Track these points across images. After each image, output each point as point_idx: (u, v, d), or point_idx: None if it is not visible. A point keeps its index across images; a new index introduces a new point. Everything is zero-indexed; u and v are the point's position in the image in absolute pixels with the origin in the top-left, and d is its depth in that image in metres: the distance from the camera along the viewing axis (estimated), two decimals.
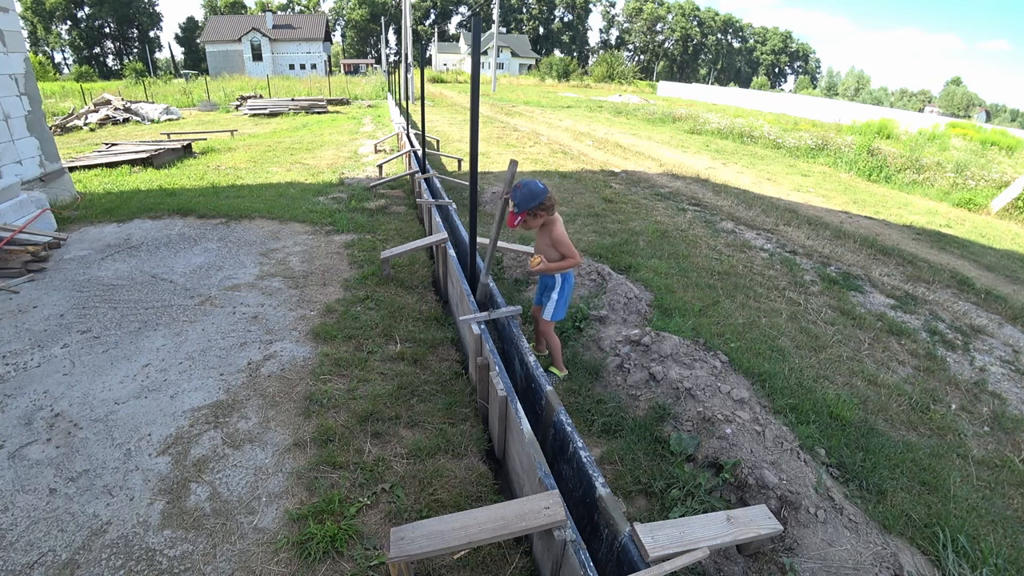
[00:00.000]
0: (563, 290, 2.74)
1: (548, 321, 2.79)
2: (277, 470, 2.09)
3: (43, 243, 3.96)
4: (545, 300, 2.77)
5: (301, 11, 76.34)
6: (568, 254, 2.61)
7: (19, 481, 1.96)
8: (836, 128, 17.23)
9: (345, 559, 1.72)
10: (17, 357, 2.73)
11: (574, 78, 56.44)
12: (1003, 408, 3.10)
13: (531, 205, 2.46)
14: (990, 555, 1.97)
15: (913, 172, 10.78)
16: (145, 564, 1.68)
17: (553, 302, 2.74)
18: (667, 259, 4.79)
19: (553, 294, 2.73)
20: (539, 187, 2.47)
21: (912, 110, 54.84)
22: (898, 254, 5.83)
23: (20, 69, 5.06)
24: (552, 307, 2.75)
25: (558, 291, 2.73)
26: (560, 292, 2.74)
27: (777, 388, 2.89)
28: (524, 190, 2.47)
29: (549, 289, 2.76)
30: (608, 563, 1.59)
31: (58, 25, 65.54)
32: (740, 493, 2.10)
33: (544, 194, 2.47)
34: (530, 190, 2.46)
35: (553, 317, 2.77)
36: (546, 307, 2.77)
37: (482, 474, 2.11)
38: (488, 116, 16.98)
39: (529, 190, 2.46)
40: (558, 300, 2.74)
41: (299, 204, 5.65)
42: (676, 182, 8.61)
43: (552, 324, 2.83)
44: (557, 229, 2.59)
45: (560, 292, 2.74)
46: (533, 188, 2.47)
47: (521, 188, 2.47)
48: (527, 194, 2.46)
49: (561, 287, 2.73)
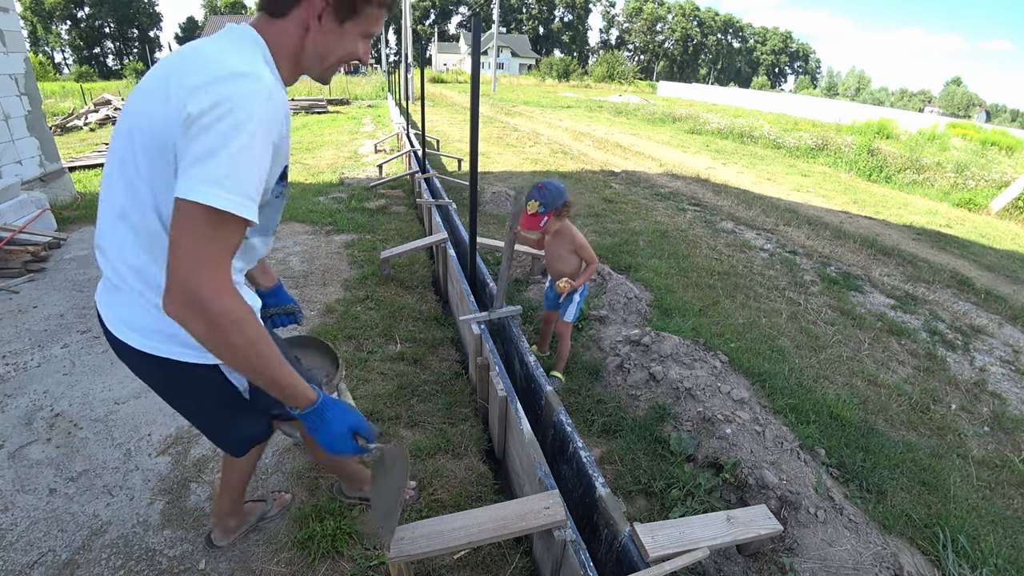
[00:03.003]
0: (584, 291, 2.73)
1: (569, 323, 2.76)
2: (277, 470, 2.09)
3: (43, 243, 3.96)
4: (565, 303, 2.72)
5: None
6: (590, 258, 2.56)
7: (19, 481, 1.96)
8: (836, 128, 17.23)
9: (345, 559, 1.72)
10: (17, 357, 2.73)
11: (574, 78, 56.47)
12: (1003, 408, 3.10)
13: (558, 203, 2.37)
14: (990, 555, 1.97)
15: (913, 172, 10.79)
16: (145, 564, 1.68)
17: (576, 304, 2.71)
18: (667, 259, 4.79)
19: (575, 296, 2.69)
20: (560, 185, 2.39)
21: (912, 110, 54.85)
22: (898, 254, 5.83)
23: (20, 69, 5.05)
24: (575, 309, 2.72)
25: (580, 292, 2.69)
26: (582, 293, 2.71)
27: (777, 388, 2.89)
28: (549, 188, 2.36)
29: (570, 293, 2.70)
30: (608, 563, 1.59)
31: (58, 25, 65.58)
32: (740, 493, 2.10)
33: (566, 191, 2.40)
34: (556, 187, 2.37)
35: (574, 318, 2.75)
36: (568, 309, 2.72)
37: (482, 474, 2.11)
38: (488, 116, 16.98)
39: (555, 187, 2.37)
40: (580, 302, 2.73)
41: (299, 204, 5.65)
42: (676, 182, 8.61)
43: (571, 326, 2.80)
44: (578, 233, 2.53)
45: (582, 293, 2.71)
46: (557, 186, 2.38)
47: (544, 188, 2.36)
48: (554, 192, 2.36)
49: (583, 288, 2.70)
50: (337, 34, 0.97)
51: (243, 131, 0.79)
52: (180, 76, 0.84)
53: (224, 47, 0.90)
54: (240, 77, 0.82)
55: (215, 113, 0.78)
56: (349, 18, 0.96)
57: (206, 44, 0.91)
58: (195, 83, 0.81)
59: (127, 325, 1.03)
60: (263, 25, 0.96)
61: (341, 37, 0.98)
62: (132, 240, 0.97)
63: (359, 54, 1.02)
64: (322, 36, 0.96)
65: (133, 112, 0.92)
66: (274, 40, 0.95)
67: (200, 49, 0.90)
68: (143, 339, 1.03)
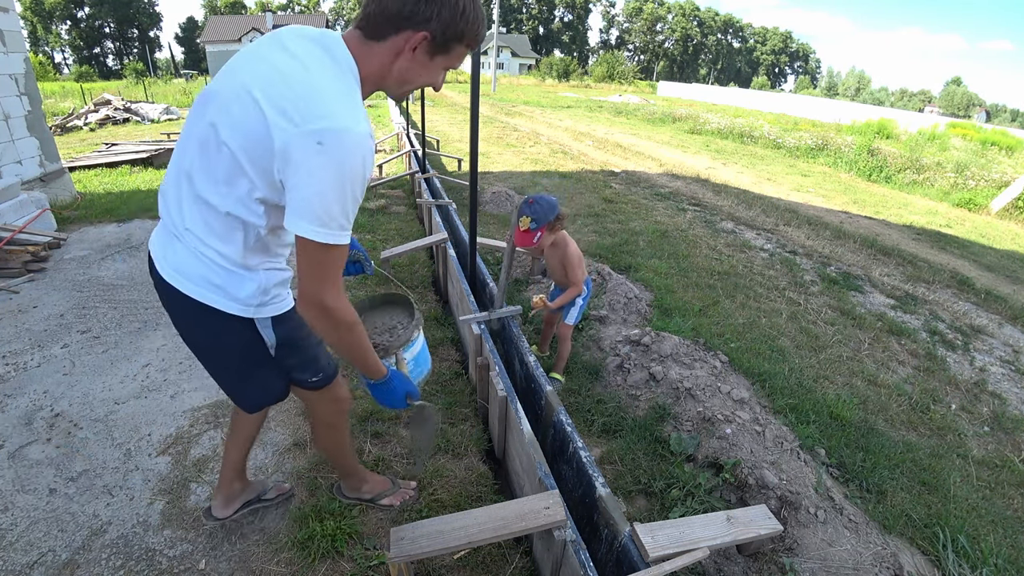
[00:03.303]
0: (587, 295, 2.70)
1: (570, 326, 2.75)
2: (277, 470, 2.09)
3: (43, 243, 3.96)
4: (567, 306, 2.70)
5: (301, 11, 76.38)
6: (574, 280, 2.52)
7: (19, 481, 1.96)
8: (836, 128, 17.23)
9: (345, 559, 1.72)
10: (17, 357, 2.73)
11: (574, 78, 56.46)
12: (1003, 408, 3.10)
13: (550, 218, 2.33)
14: (990, 555, 1.97)
15: (913, 172, 10.79)
16: (145, 564, 1.68)
17: (578, 307, 2.70)
18: (667, 259, 4.79)
19: (578, 298, 2.67)
20: (552, 199, 2.35)
21: (912, 110, 54.85)
22: (898, 254, 5.83)
23: (20, 69, 5.05)
24: (576, 312, 2.71)
25: (583, 295, 2.67)
26: (585, 296, 2.69)
27: (777, 388, 2.89)
28: (540, 203, 2.31)
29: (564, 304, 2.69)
30: (608, 563, 1.59)
31: (58, 25, 65.58)
32: (740, 493, 2.10)
33: (558, 205, 2.36)
34: (547, 202, 2.32)
35: (576, 321, 2.74)
36: (570, 312, 2.71)
37: (482, 474, 2.11)
38: (488, 116, 16.98)
39: (546, 202, 2.32)
40: (582, 307, 2.72)
41: None
42: (676, 182, 8.61)
43: (572, 328, 2.78)
44: (573, 247, 2.50)
45: (585, 296, 2.69)
46: (549, 200, 2.33)
47: (535, 202, 2.31)
48: (546, 206, 2.31)
49: (586, 293, 2.68)
50: (425, 65, 1.07)
51: (345, 180, 0.95)
52: (287, 101, 0.95)
53: (329, 82, 0.98)
54: (346, 133, 0.93)
55: (321, 162, 0.93)
56: (440, 53, 1.06)
57: (311, 66, 0.99)
58: (308, 128, 0.92)
59: (180, 273, 1.15)
60: (358, 47, 1.04)
61: (427, 67, 1.08)
62: (192, 202, 1.09)
63: (437, 84, 1.14)
64: (411, 65, 1.06)
65: (220, 107, 1.02)
66: (365, 64, 1.04)
67: (306, 77, 0.97)
68: (194, 287, 1.15)
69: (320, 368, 1.41)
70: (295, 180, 0.95)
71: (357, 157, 0.95)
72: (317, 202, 0.95)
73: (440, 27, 1.01)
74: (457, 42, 1.05)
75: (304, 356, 1.37)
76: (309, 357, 1.38)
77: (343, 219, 0.99)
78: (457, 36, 1.04)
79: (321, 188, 0.94)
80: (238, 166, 1.01)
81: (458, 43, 1.05)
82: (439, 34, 1.02)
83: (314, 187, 0.94)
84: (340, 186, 0.95)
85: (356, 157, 0.95)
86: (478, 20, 1.06)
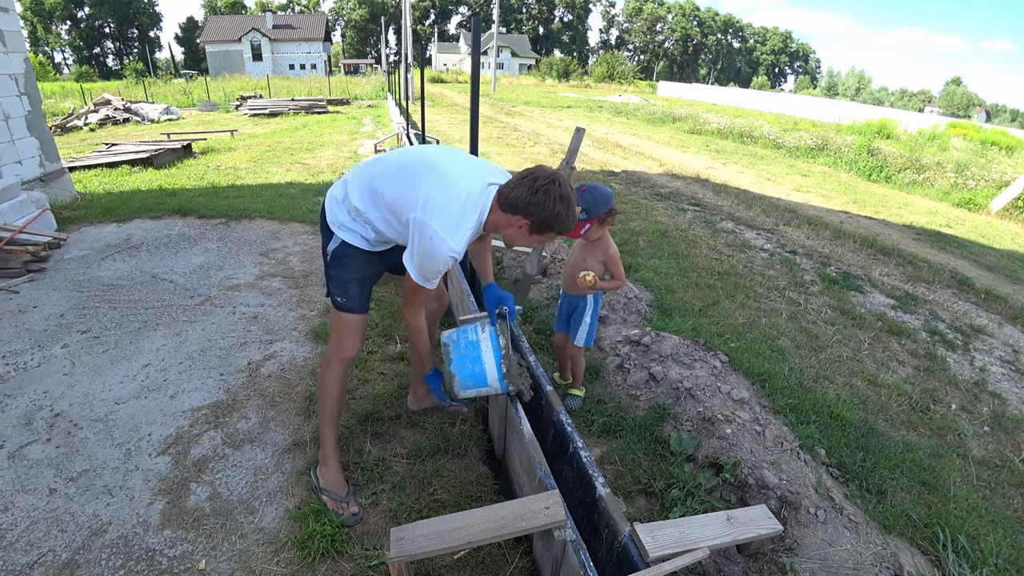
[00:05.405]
0: (596, 311, 2.43)
1: (580, 348, 2.52)
2: (277, 470, 2.09)
3: (43, 243, 3.96)
4: (575, 324, 2.46)
5: (301, 11, 76.39)
6: (619, 275, 2.31)
7: (19, 481, 1.96)
8: (836, 128, 17.23)
9: (345, 559, 1.72)
10: (17, 357, 2.73)
11: (574, 78, 56.45)
12: (1003, 408, 3.10)
13: (603, 210, 2.10)
14: (990, 555, 1.97)
15: (913, 172, 10.79)
16: (145, 564, 1.68)
17: (587, 326, 2.43)
18: (667, 259, 4.79)
19: (586, 317, 2.41)
20: (608, 190, 2.11)
21: (912, 110, 54.85)
22: (898, 254, 5.83)
23: (20, 69, 5.06)
24: (586, 332, 2.44)
25: (591, 313, 2.41)
26: (594, 314, 2.42)
27: (777, 388, 2.89)
28: (594, 193, 2.07)
29: (580, 313, 2.43)
30: (608, 563, 1.59)
31: (58, 25, 65.59)
32: (740, 493, 2.10)
33: (613, 197, 2.13)
34: (602, 192, 2.09)
35: (587, 343, 2.47)
36: (578, 332, 2.45)
37: (482, 474, 2.11)
38: (488, 116, 16.99)
39: (601, 193, 2.08)
40: (591, 324, 2.43)
41: (299, 204, 5.65)
42: (676, 182, 8.62)
43: (583, 350, 2.56)
44: (614, 246, 2.28)
45: (594, 314, 2.42)
46: (604, 191, 2.10)
47: (589, 191, 2.07)
48: (600, 197, 2.08)
49: (594, 308, 2.42)
50: (525, 236, 1.60)
51: (437, 260, 1.56)
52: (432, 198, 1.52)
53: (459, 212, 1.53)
54: (443, 242, 1.51)
55: (424, 248, 1.54)
56: (536, 233, 1.57)
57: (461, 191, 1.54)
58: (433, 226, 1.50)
59: (333, 220, 1.76)
60: (495, 205, 1.58)
61: (526, 238, 1.60)
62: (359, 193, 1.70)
63: (533, 245, 1.95)
64: (515, 232, 1.59)
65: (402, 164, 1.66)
66: (492, 218, 1.60)
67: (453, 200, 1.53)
68: (336, 227, 1.75)
69: (338, 297, 1.84)
70: (409, 237, 1.59)
71: (442, 255, 1.54)
72: (420, 259, 1.58)
73: (538, 221, 1.52)
74: (549, 230, 1.56)
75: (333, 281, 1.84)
76: (336, 282, 1.84)
77: (433, 274, 1.62)
78: (549, 227, 1.54)
79: (422, 252, 1.57)
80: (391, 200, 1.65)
81: (549, 231, 1.56)
82: (536, 224, 1.53)
83: (418, 251, 1.57)
84: (432, 262, 1.57)
85: (442, 256, 1.54)
86: (567, 220, 1.53)
